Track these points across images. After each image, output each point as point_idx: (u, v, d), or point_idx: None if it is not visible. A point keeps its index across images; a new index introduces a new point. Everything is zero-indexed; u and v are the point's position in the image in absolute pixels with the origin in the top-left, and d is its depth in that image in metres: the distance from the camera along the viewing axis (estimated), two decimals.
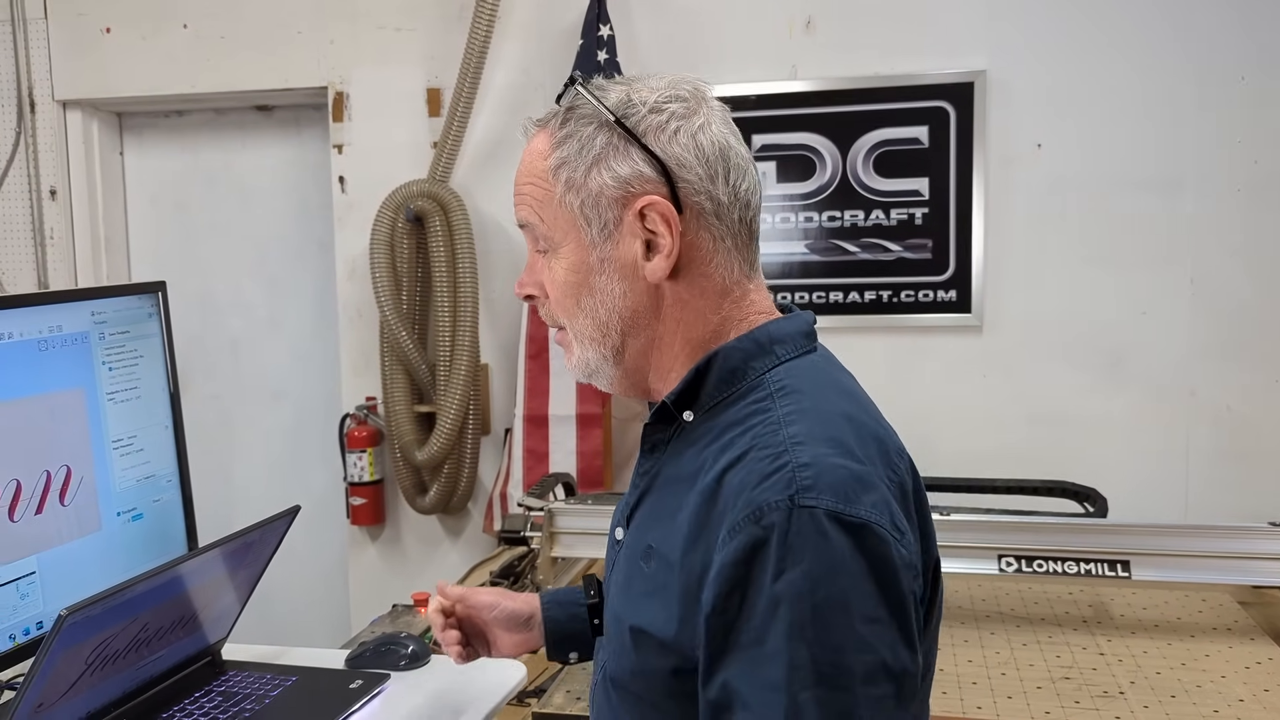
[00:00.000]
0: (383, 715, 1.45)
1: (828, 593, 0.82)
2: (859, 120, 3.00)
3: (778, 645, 0.83)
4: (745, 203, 0.98)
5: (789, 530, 0.83)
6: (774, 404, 0.92)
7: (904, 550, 0.86)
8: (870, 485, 0.87)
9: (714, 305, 0.98)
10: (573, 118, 0.97)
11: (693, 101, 0.97)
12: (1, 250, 3.57)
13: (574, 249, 0.98)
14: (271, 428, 3.69)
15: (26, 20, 3.47)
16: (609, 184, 0.95)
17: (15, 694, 1.29)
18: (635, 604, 0.95)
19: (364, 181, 3.34)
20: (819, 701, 0.82)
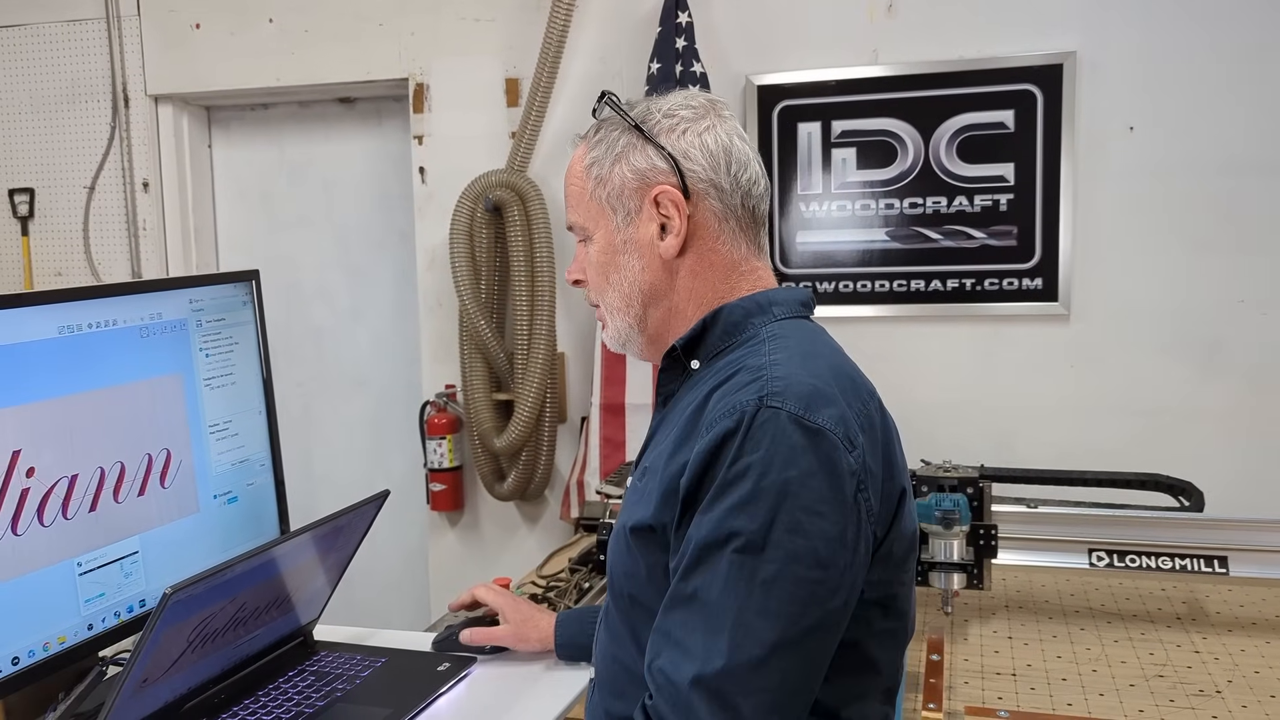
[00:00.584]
0: (470, 698, 1.47)
1: (775, 479, 0.97)
2: (942, 105, 2.94)
3: (719, 514, 0.98)
4: (747, 191, 1.16)
5: (753, 424, 0.99)
6: (764, 344, 1.10)
7: (853, 460, 1.00)
8: (831, 401, 1.02)
9: (723, 277, 1.16)
10: (604, 126, 1.19)
11: (701, 110, 1.17)
12: (97, 241, 3.69)
13: (604, 234, 1.18)
14: (353, 415, 3.75)
15: (121, 18, 3.58)
16: (629, 176, 1.15)
17: (121, 669, 1.33)
18: (629, 512, 1.12)
19: (443, 172, 3.37)
20: (736, 563, 0.97)
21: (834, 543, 0.97)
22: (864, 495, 1.01)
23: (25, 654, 1.31)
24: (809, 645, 0.98)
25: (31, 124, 3.70)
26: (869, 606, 1.05)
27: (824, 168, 3.03)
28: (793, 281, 3.08)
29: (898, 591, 1.08)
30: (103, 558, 1.41)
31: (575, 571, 2.41)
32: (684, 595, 1.00)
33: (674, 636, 0.99)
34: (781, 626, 0.96)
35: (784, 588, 0.96)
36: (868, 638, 1.07)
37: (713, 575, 0.97)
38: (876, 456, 1.04)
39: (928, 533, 2.05)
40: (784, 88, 3.04)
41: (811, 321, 1.19)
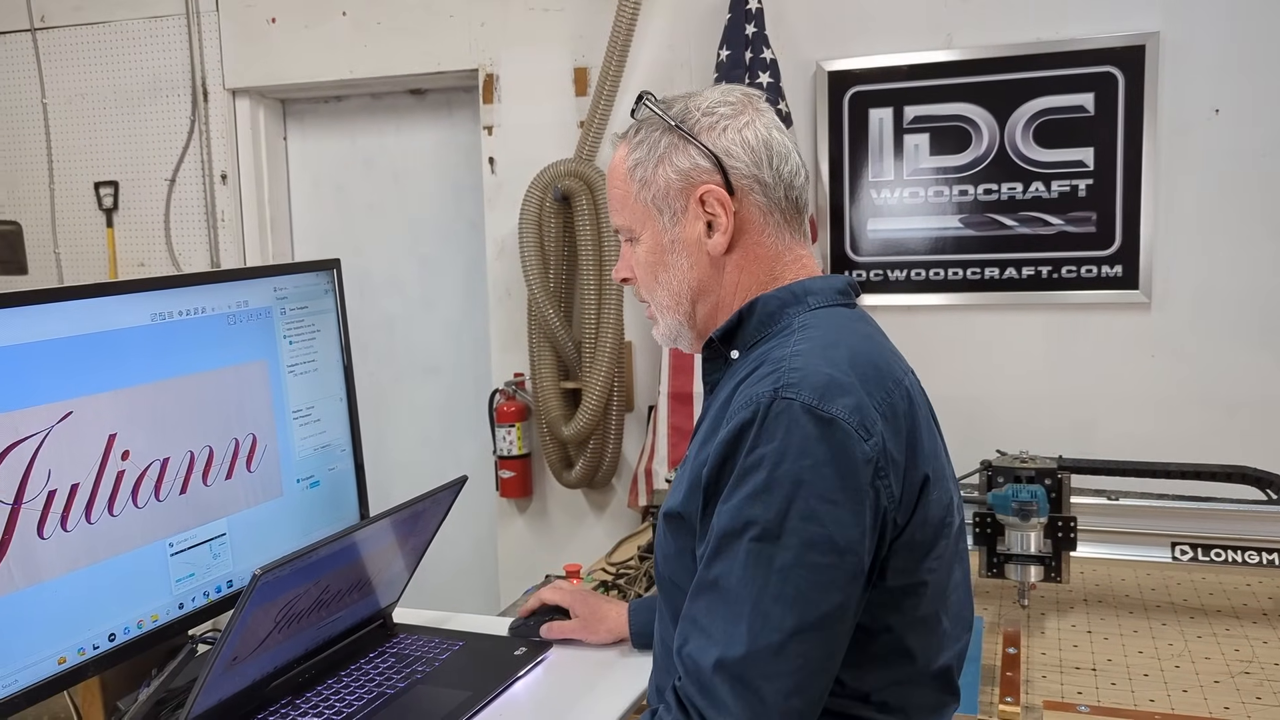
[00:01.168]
0: (546, 682, 1.49)
1: (789, 469, 0.99)
2: (1018, 89, 2.88)
3: (737, 504, 1.01)
4: (789, 183, 1.18)
5: (768, 415, 1.01)
6: (793, 335, 1.11)
7: (868, 448, 1.01)
8: (846, 391, 1.02)
9: (767, 269, 1.18)
10: (643, 127, 1.19)
11: (739, 105, 1.18)
12: (178, 232, 3.79)
13: (651, 235, 1.19)
14: (424, 403, 3.81)
15: (200, 13, 3.66)
16: (673, 177, 1.16)
17: (210, 647, 1.37)
18: (668, 500, 1.15)
19: (512, 162, 3.40)
20: (754, 551, 0.99)
21: (849, 529, 0.99)
22: (883, 482, 1.02)
23: (121, 630, 1.35)
24: (827, 629, 1.00)
25: (116, 118, 3.81)
26: (896, 593, 1.06)
27: (896, 154, 2.99)
28: (863, 269, 3.05)
29: (927, 579, 1.09)
30: (193, 539, 1.45)
31: (645, 559, 2.43)
32: (707, 582, 1.03)
33: (699, 622, 1.02)
34: (799, 612, 0.98)
35: (800, 574, 0.98)
36: (900, 625, 1.08)
37: (732, 563, 1.00)
38: (899, 443, 1.05)
39: (1004, 524, 2.02)
40: (855, 73, 3.01)
41: (849, 308, 1.19)
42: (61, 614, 1.28)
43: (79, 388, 1.30)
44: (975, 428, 2.83)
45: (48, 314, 1.27)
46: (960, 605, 1.18)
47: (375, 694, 1.41)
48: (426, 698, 1.42)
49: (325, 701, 1.39)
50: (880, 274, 3.05)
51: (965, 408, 2.90)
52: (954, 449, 1.23)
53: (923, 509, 1.07)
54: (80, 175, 3.88)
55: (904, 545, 1.06)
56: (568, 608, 1.61)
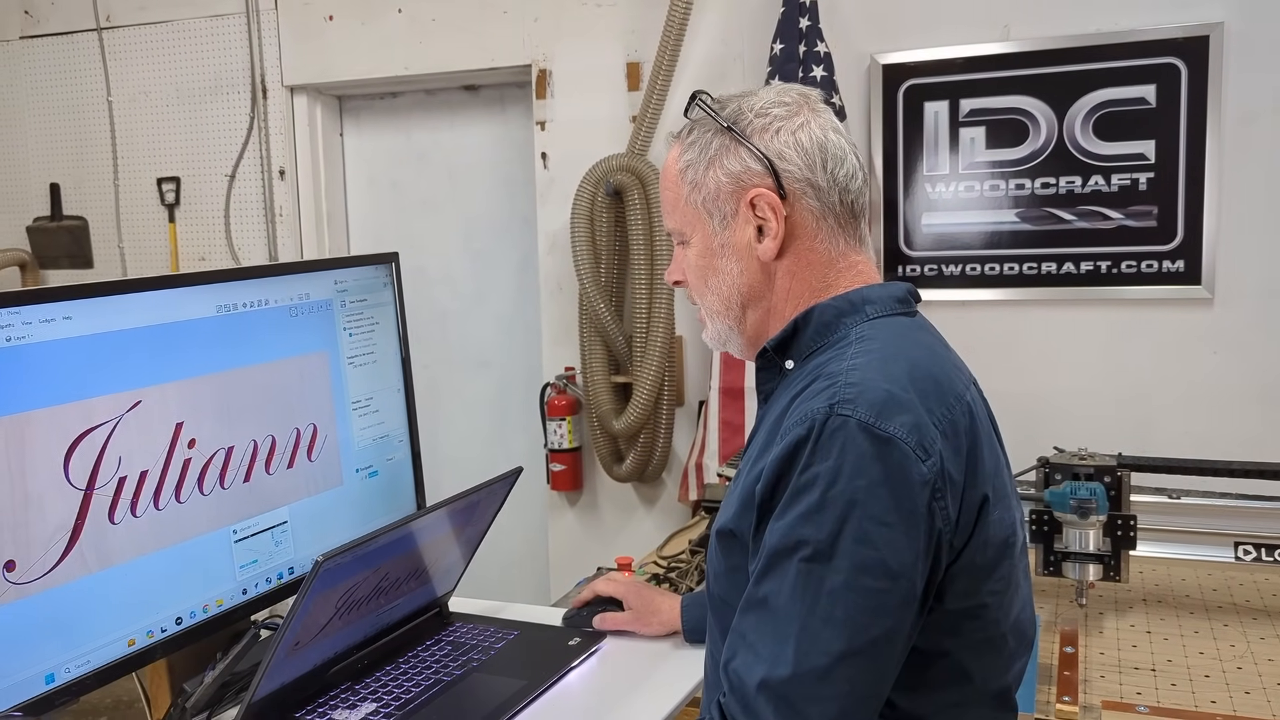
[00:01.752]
0: (600, 673, 1.50)
1: (843, 488, 0.96)
2: (1077, 80, 2.84)
3: (789, 522, 0.99)
4: (844, 187, 1.14)
5: (823, 433, 0.99)
6: (850, 347, 1.08)
7: (926, 469, 0.98)
8: (905, 409, 0.99)
9: (820, 275, 1.14)
10: (696, 128, 1.17)
11: (794, 106, 1.14)
12: (237, 227, 3.86)
13: (701, 238, 1.17)
14: (476, 396, 3.84)
15: (259, 12, 3.72)
16: (724, 180, 1.13)
17: (273, 632, 1.40)
18: (719, 515, 1.13)
19: (565, 157, 3.41)
20: (804, 571, 0.97)
21: (903, 553, 0.97)
22: (939, 504, 0.99)
23: (188, 614, 1.39)
24: (876, 655, 0.97)
25: (178, 115, 3.89)
26: (956, 616, 1.04)
27: (951, 148, 2.96)
28: (917, 264, 3.02)
29: (988, 601, 1.06)
30: (255, 526, 1.49)
31: (696, 553, 2.43)
32: (756, 599, 1.01)
33: (747, 639, 1.01)
34: (848, 636, 0.96)
35: (851, 598, 0.96)
36: (959, 648, 1.05)
37: (781, 582, 0.98)
38: (959, 462, 1.02)
39: (1062, 521, 1.99)
40: (910, 66, 2.98)
41: (909, 317, 1.16)
42: (131, 597, 1.32)
43: (148, 377, 1.34)
44: (1032, 424, 2.79)
45: (119, 305, 1.31)
46: (1024, 625, 1.15)
47: (432, 681, 1.43)
48: (482, 686, 1.43)
49: (384, 687, 1.41)
50: (934, 269, 3.02)
51: (1021, 404, 2.86)
52: (1010, 446, 1.21)
53: (982, 530, 1.04)
54: (143, 171, 3.96)
55: (964, 568, 1.03)
56: (621, 599, 1.61)
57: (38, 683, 1.22)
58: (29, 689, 1.21)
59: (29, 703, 1.20)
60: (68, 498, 1.25)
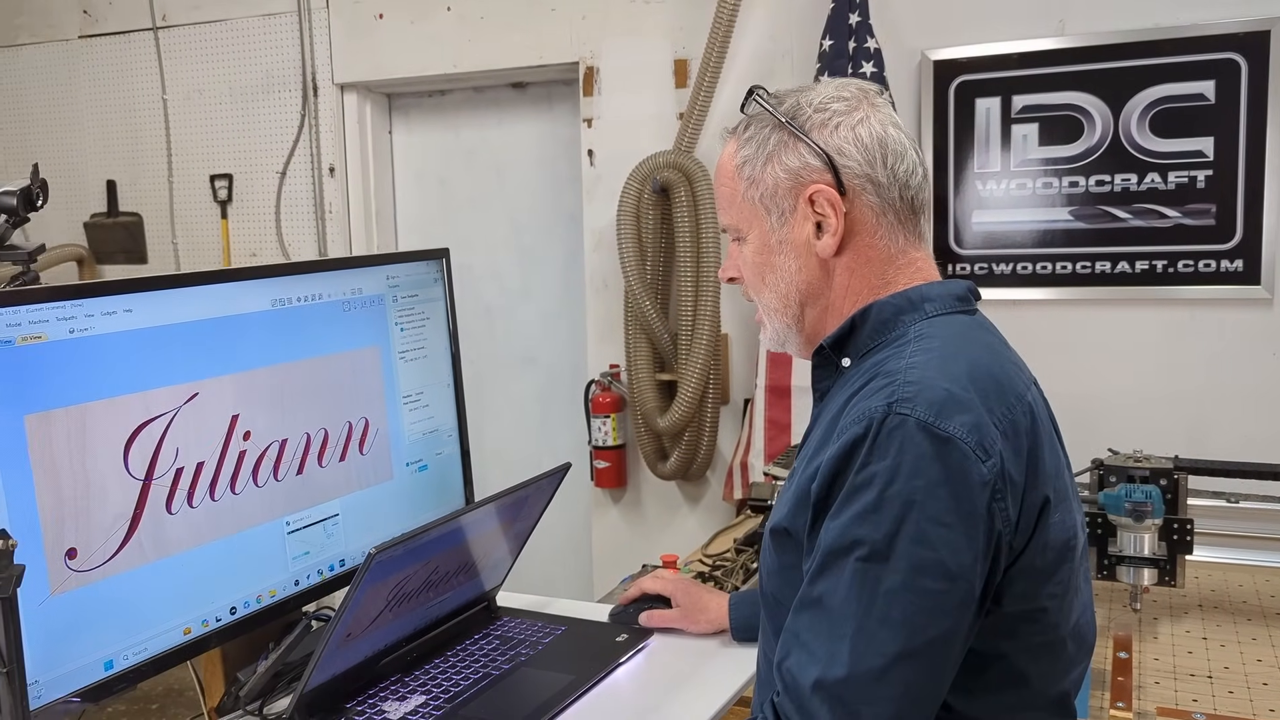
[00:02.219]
0: (647, 670, 1.50)
1: (901, 488, 0.95)
2: (1134, 76, 2.78)
3: (845, 521, 0.97)
4: (904, 183, 1.12)
5: (880, 431, 0.97)
6: (909, 345, 1.06)
7: (986, 470, 0.96)
8: (966, 408, 0.98)
9: (879, 272, 1.13)
10: (753, 123, 1.15)
11: (854, 101, 1.13)
12: (288, 223, 3.91)
13: (758, 235, 1.15)
14: (521, 392, 3.86)
15: (311, 10, 3.77)
16: (782, 176, 1.12)
17: (324, 623, 1.42)
18: (773, 514, 1.11)
19: (611, 154, 3.41)
20: (860, 571, 0.96)
21: (962, 554, 0.95)
22: (999, 505, 0.97)
23: (241, 604, 1.41)
24: (932, 656, 0.96)
25: (230, 113, 3.95)
26: (1014, 619, 1.02)
27: (1003, 144, 2.92)
28: (966, 263, 2.99)
29: (1047, 605, 1.04)
30: (308, 518, 1.50)
31: (741, 552, 2.42)
32: (810, 599, 1.00)
33: (801, 638, 1.00)
34: (904, 636, 0.95)
35: (908, 598, 0.95)
36: (1016, 651, 1.04)
37: (837, 581, 0.97)
38: (1019, 463, 1.00)
39: (1116, 525, 1.96)
40: (962, 62, 2.94)
41: (969, 315, 1.14)
42: (187, 587, 1.34)
43: (205, 370, 1.36)
44: (1085, 425, 2.73)
45: (178, 298, 1.33)
46: (1084, 629, 1.13)
47: (480, 674, 1.44)
48: (530, 680, 1.44)
49: (433, 680, 1.42)
50: (984, 267, 2.98)
51: (1074, 405, 2.80)
52: None
53: (1042, 533, 1.02)
54: (197, 168, 4.03)
55: (1022, 570, 1.01)
56: (669, 596, 1.61)
57: (97, 669, 1.24)
58: (88, 675, 1.23)
59: (88, 689, 1.23)
60: (127, 488, 1.27)
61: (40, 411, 1.18)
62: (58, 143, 4.24)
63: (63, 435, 1.20)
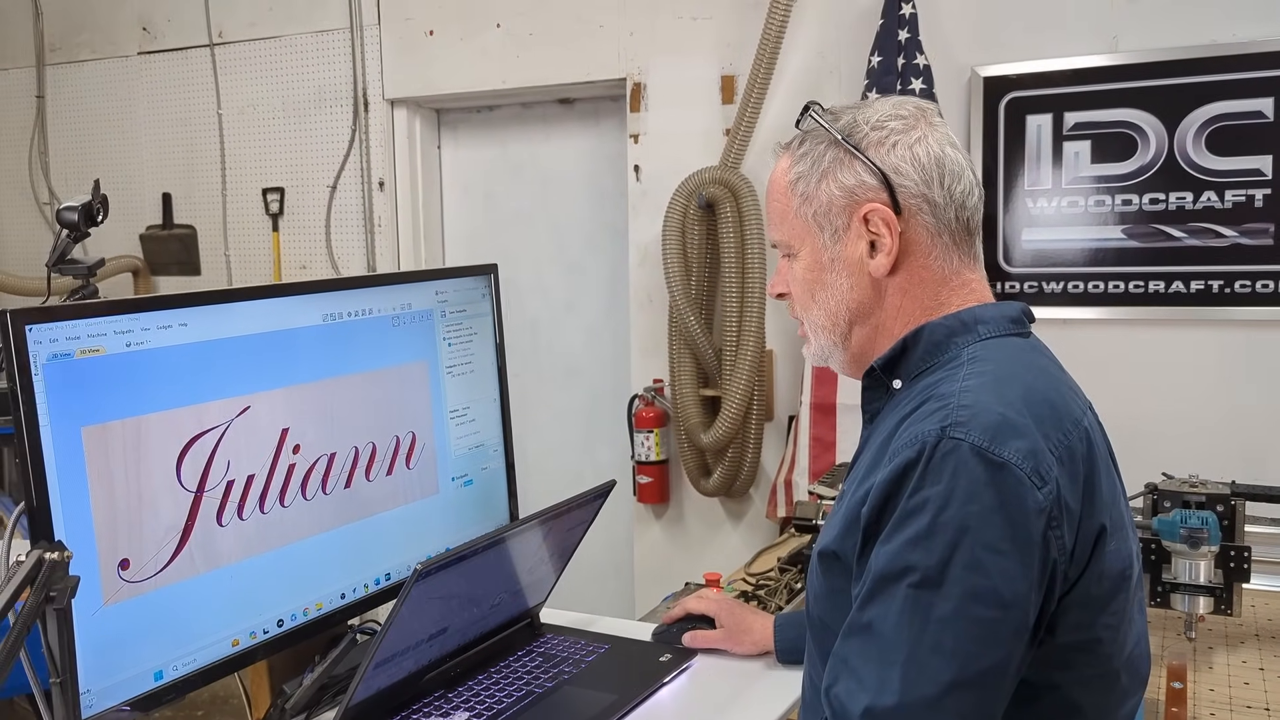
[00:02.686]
0: (691, 691, 1.49)
1: (954, 514, 0.94)
2: (1189, 93, 2.74)
3: (897, 547, 0.96)
4: (960, 203, 1.11)
5: (934, 456, 0.96)
6: (962, 369, 1.05)
7: (1041, 496, 0.95)
8: (1021, 434, 0.96)
9: (932, 293, 1.11)
10: (809, 139, 1.14)
11: (911, 119, 1.11)
12: (338, 237, 3.96)
13: (810, 252, 1.14)
14: (565, 405, 3.87)
15: (363, 27, 3.82)
16: (837, 193, 1.10)
17: (370, 636, 1.42)
18: (821, 537, 1.10)
19: (657, 170, 3.42)
20: (912, 598, 0.94)
21: (1016, 582, 0.93)
22: (1055, 533, 0.96)
23: (289, 617, 1.42)
24: (985, 686, 0.94)
25: (283, 128, 4.01)
26: (1068, 650, 1.00)
27: (1054, 162, 2.89)
28: (1016, 281, 2.95)
29: (1102, 635, 1.01)
30: (355, 532, 1.51)
31: (785, 571, 2.40)
32: (860, 624, 0.98)
33: (850, 664, 0.98)
34: (957, 665, 0.93)
35: (960, 626, 0.93)
36: (1070, 682, 1.01)
37: (888, 608, 0.96)
38: (1075, 490, 0.98)
39: (1171, 552, 1.92)
40: (1012, 79, 2.92)
41: (1023, 338, 1.12)
42: (236, 599, 1.35)
43: (257, 383, 1.37)
44: (1138, 449, 2.68)
45: (231, 313, 1.35)
46: (1138, 660, 1.10)
47: (524, 692, 1.44)
48: (573, 699, 1.43)
49: (476, 697, 1.43)
50: (1034, 286, 2.94)
51: (1126, 427, 2.74)
52: None
53: (1098, 561, 1.00)
54: (250, 182, 4.09)
55: (1077, 600, 0.99)
56: (713, 617, 1.60)
57: (146, 679, 1.26)
58: (138, 685, 1.25)
59: (138, 699, 1.24)
60: (179, 500, 1.29)
61: (97, 424, 1.20)
62: (116, 156, 4.34)
63: (118, 447, 1.22)
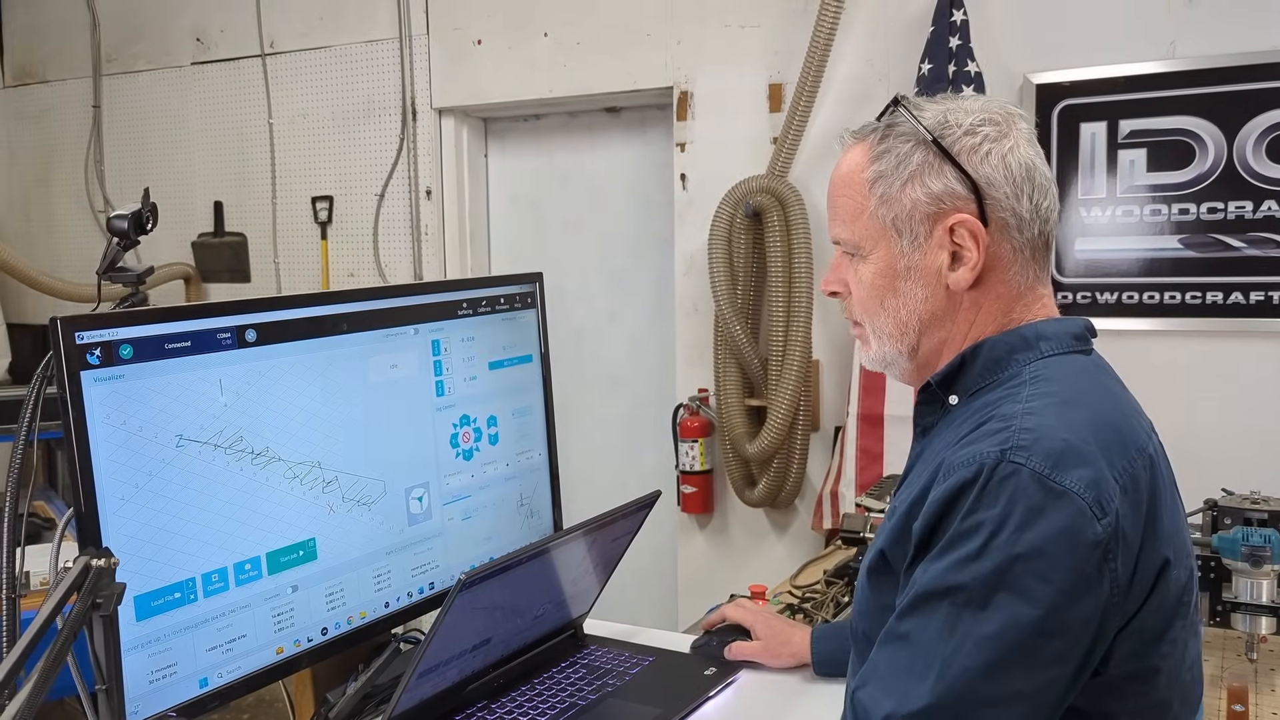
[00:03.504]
0: (736, 705, 1.47)
1: (1007, 539, 0.91)
2: (1249, 100, 2.67)
3: (945, 566, 0.93)
4: (1045, 219, 1.06)
5: (991, 478, 0.93)
6: (1024, 389, 1.00)
7: (1101, 529, 0.91)
8: (1085, 462, 0.92)
9: (1005, 309, 1.07)
10: (892, 134, 1.07)
11: (1004, 125, 1.05)
12: (385, 244, 3.99)
13: (883, 256, 1.08)
14: (609, 414, 3.86)
15: (412, 36, 3.85)
16: (922, 199, 1.04)
17: (413, 646, 1.42)
18: (870, 553, 1.08)
19: (704, 178, 3.41)
20: (954, 615, 0.92)
21: (1063, 613, 0.91)
22: (1111, 567, 0.92)
23: (333, 625, 1.42)
24: (1015, 710, 0.92)
25: (332, 137, 4.05)
26: (1122, 681, 0.97)
27: (1109, 170, 2.83)
28: (1069, 291, 2.90)
29: (1159, 665, 0.99)
30: (401, 541, 1.51)
31: (831, 584, 2.37)
32: (897, 634, 0.97)
33: (880, 671, 0.97)
34: (990, 688, 0.91)
35: (997, 648, 0.91)
36: (1123, 712, 0.98)
37: (928, 621, 0.94)
38: (1137, 523, 0.95)
39: (1231, 570, 1.86)
40: (1066, 86, 2.87)
41: (1086, 355, 1.08)
42: (281, 606, 1.35)
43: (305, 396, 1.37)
44: (1196, 464, 2.61)
45: (282, 319, 1.35)
46: (1189, 686, 1.06)
47: (567, 704, 1.43)
48: (617, 711, 1.42)
49: (519, 707, 1.42)
50: (1087, 296, 2.88)
51: (1183, 441, 2.67)
52: None
53: (1159, 594, 0.97)
54: (299, 190, 4.14)
55: (1134, 632, 0.96)
56: (750, 628, 1.58)
57: (192, 686, 1.26)
58: (184, 692, 1.25)
59: (183, 705, 1.25)
60: None
61: (142, 429, 1.21)
62: (169, 164, 4.42)
63: None
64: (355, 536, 1.44)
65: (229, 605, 1.29)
